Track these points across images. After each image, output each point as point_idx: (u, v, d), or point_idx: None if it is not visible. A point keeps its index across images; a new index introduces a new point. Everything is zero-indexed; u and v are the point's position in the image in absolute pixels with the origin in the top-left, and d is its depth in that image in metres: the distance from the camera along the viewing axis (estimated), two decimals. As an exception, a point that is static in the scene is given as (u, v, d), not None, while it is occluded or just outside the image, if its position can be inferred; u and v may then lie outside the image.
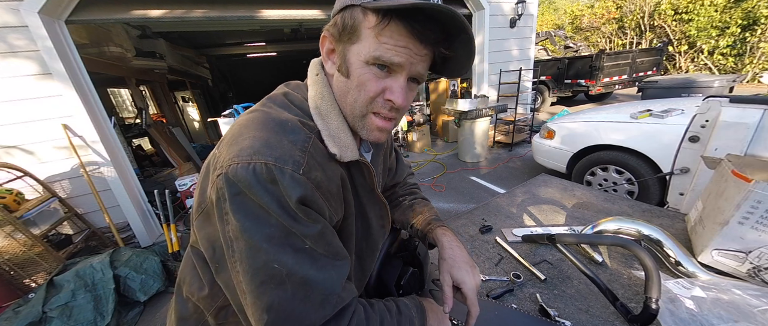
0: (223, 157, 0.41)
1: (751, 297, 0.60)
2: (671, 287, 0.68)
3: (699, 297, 0.64)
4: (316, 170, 0.43)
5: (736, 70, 9.85)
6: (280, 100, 0.50)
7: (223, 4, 3.00)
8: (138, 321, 2.00)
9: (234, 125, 0.47)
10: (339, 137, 0.48)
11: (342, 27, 0.44)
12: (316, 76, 0.51)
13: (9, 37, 2.14)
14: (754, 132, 1.51)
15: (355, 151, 0.49)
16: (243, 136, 0.42)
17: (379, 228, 0.63)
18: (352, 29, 0.44)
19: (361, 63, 0.45)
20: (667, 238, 0.83)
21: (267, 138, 0.41)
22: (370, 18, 0.42)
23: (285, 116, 0.45)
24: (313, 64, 0.54)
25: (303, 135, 0.44)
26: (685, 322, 0.60)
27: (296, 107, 0.49)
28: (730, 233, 0.76)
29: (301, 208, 0.40)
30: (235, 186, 0.39)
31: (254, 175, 0.38)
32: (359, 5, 0.42)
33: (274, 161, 0.39)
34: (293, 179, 0.40)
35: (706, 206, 0.90)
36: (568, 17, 16.86)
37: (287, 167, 0.39)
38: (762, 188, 0.71)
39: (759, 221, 0.72)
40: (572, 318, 0.71)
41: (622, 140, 2.47)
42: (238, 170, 0.38)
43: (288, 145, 0.41)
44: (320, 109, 0.48)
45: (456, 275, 0.60)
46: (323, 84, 0.50)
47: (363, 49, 0.44)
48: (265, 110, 0.46)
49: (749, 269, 0.75)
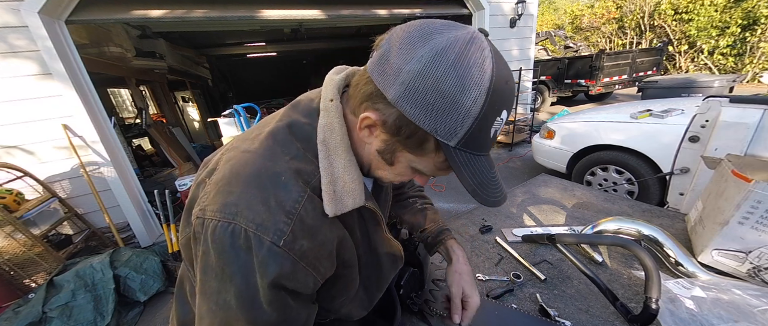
0: (209, 199, 0.39)
1: (751, 297, 0.60)
2: (671, 287, 0.68)
3: (699, 297, 0.64)
4: (303, 238, 0.39)
5: (736, 70, 9.84)
6: (282, 135, 0.44)
7: (223, 4, 3.00)
8: (138, 321, 2.00)
9: (231, 160, 0.43)
10: (343, 179, 0.43)
11: (408, 135, 0.39)
12: (330, 103, 0.45)
13: (9, 37, 2.14)
14: (754, 132, 1.51)
15: (359, 196, 0.44)
16: (231, 186, 0.39)
17: (392, 264, 0.61)
18: (416, 145, 0.40)
19: (408, 166, 0.44)
20: (667, 238, 0.83)
21: (253, 198, 0.38)
22: (439, 155, 0.40)
23: (280, 166, 0.40)
24: (329, 84, 0.47)
25: (295, 193, 0.39)
26: (685, 322, 0.60)
27: (300, 142, 0.44)
28: (730, 233, 0.76)
29: (271, 291, 0.38)
30: (209, 243, 0.38)
31: (232, 238, 0.36)
32: (447, 144, 0.38)
33: (254, 228, 0.36)
34: (271, 252, 0.37)
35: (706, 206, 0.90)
36: (568, 17, 16.86)
37: (267, 238, 0.36)
38: (762, 188, 0.71)
39: (759, 221, 0.72)
40: (572, 318, 0.71)
41: (622, 140, 2.47)
42: (217, 227, 0.37)
43: (275, 207, 0.37)
44: (328, 143, 0.43)
45: (467, 290, 0.66)
46: (336, 114, 0.44)
47: (417, 162, 0.43)
48: (262, 151, 0.42)
49: (749, 269, 0.75)
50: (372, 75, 0.39)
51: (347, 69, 0.51)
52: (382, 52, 0.38)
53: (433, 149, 0.40)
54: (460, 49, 0.34)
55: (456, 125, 0.36)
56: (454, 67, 0.34)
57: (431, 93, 0.35)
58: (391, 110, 0.38)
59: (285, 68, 12.81)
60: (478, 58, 0.34)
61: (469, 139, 0.37)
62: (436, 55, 0.34)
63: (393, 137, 0.40)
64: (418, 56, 0.34)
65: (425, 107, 0.36)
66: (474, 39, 0.35)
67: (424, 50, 0.34)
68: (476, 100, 0.34)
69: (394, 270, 0.62)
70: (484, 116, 0.36)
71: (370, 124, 0.41)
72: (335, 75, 0.49)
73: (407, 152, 0.42)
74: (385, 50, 0.38)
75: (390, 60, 0.37)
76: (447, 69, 0.34)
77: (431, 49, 0.34)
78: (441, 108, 0.35)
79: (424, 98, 0.35)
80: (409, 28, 0.38)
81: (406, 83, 0.35)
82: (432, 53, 0.34)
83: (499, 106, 0.37)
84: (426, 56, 0.34)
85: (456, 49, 0.34)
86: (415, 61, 0.34)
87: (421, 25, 0.37)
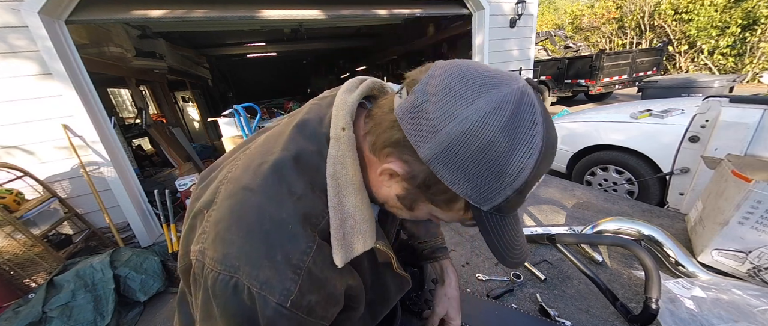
0: (208, 243, 0.36)
1: (751, 297, 0.60)
2: (671, 287, 0.68)
3: (699, 297, 0.64)
4: (311, 293, 0.36)
5: (736, 70, 9.85)
6: (289, 169, 0.39)
7: (223, 4, 3.00)
8: (138, 321, 1.99)
9: (232, 197, 0.38)
10: (353, 219, 0.39)
11: (434, 193, 0.37)
12: (342, 132, 0.40)
13: (9, 37, 2.14)
14: (754, 132, 1.50)
15: (369, 238, 0.41)
16: (232, 233, 0.35)
17: (398, 291, 0.58)
18: (443, 202, 0.38)
19: (427, 213, 0.42)
20: (667, 238, 0.83)
21: (256, 251, 0.34)
22: (467, 214, 0.38)
23: (286, 211, 0.36)
24: (341, 108, 0.42)
25: (303, 244, 0.36)
26: (685, 322, 0.60)
27: (308, 174, 0.39)
28: (730, 233, 0.76)
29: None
30: (210, 294, 0.35)
31: (234, 294, 0.34)
32: (469, 202, 0.35)
33: (259, 286, 0.33)
34: (277, 313, 0.34)
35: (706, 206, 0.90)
36: (568, 17, 16.86)
37: (273, 298, 0.33)
38: (762, 188, 0.71)
39: (759, 221, 0.72)
40: (572, 318, 0.71)
41: (622, 140, 2.47)
42: (218, 280, 0.34)
43: (281, 262, 0.34)
44: (338, 178, 0.39)
45: (451, 313, 0.68)
46: (349, 146, 0.40)
47: (440, 214, 0.40)
48: (267, 191, 0.37)
49: (749, 269, 0.75)
50: (401, 122, 0.35)
51: (361, 85, 0.46)
52: (416, 100, 0.34)
53: (463, 208, 0.37)
54: (510, 113, 0.31)
55: (494, 194, 0.33)
56: (502, 134, 0.31)
57: (473, 160, 0.31)
58: (422, 166, 0.35)
59: (285, 68, 12.81)
60: (528, 123, 0.31)
61: (505, 205, 0.35)
62: (483, 119, 0.30)
63: (418, 191, 0.38)
64: (462, 117, 0.31)
65: (464, 174, 0.33)
66: (524, 97, 0.32)
67: (469, 111, 0.31)
68: (522, 171, 0.32)
69: (400, 294, 0.59)
70: (526, 184, 0.33)
71: (392, 174, 0.38)
72: (348, 95, 0.44)
73: (431, 204, 0.39)
74: (420, 99, 0.34)
75: (426, 113, 0.33)
76: (494, 137, 0.31)
77: (477, 111, 0.31)
78: (482, 176, 0.32)
79: (464, 164, 0.32)
80: (450, 76, 0.34)
81: (444, 144, 0.32)
82: (478, 116, 0.30)
83: (543, 171, 0.34)
84: (471, 119, 0.31)
85: (505, 113, 0.31)
86: (458, 123, 0.31)
87: (463, 74, 0.33)
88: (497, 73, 0.34)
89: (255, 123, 3.57)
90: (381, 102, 0.42)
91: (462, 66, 0.35)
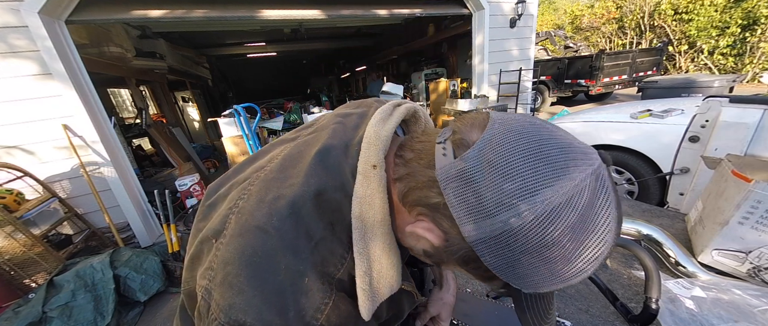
0: (216, 284, 0.32)
1: (751, 297, 0.60)
2: (671, 287, 0.68)
3: (699, 297, 0.64)
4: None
5: (736, 70, 9.85)
6: (308, 212, 0.34)
7: (223, 4, 3.00)
8: (138, 321, 2.00)
9: (244, 234, 0.34)
10: (380, 263, 0.35)
11: (471, 267, 0.33)
12: (373, 169, 0.35)
13: (9, 37, 2.14)
14: (754, 132, 1.50)
15: (396, 281, 0.37)
16: (241, 279, 0.31)
17: (409, 306, 0.54)
18: (480, 277, 0.34)
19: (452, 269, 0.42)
20: (667, 238, 0.83)
21: (267, 305, 0.31)
22: (505, 286, 0.33)
23: (303, 262, 0.32)
24: (374, 142, 0.37)
25: (318, 300, 0.32)
26: (685, 322, 0.60)
27: (329, 213, 0.35)
28: (730, 233, 0.76)
29: None
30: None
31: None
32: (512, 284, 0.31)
33: None
34: None
35: (706, 206, 0.90)
36: (568, 17, 16.86)
37: None
38: (762, 188, 0.71)
39: (759, 221, 0.72)
40: (572, 318, 0.71)
41: (622, 140, 2.47)
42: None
43: (292, 320, 0.31)
44: (365, 220, 0.35)
45: (443, 315, 0.67)
46: (379, 187, 0.35)
47: (470, 277, 0.37)
48: (283, 236, 0.33)
49: (749, 269, 0.75)
50: (444, 188, 0.30)
51: (395, 113, 0.42)
52: (465, 170, 0.28)
53: (501, 284, 0.32)
54: (582, 210, 0.26)
55: (541, 286, 0.29)
56: (570, 235, 0.26)
57: (528, 256, 0.27)
58: (464, 244, 0.30)
59: (285, 68, 12.83)
60: (602, 219, 0.26)
61: (546, 288, 0.30)
62: (550, 215, 0.25)
63: (452, 258, 0.33)
64: (524, 209, 0.25)
65: (513, 266, 0.28)
66: (599, 183, 0.27)
67: (534, 202, 0.25)
68: (582, 271, 0.27)
69: (411, 308, 0.54)
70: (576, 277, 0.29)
71: (423, 236, 0.34)
72: (381, 127, 0.39)
73: (464, 270, 0.34)
74: (472, 170, 0.28)
75: (478, 190, 0.27)
76: (560, 237, 0.26)
77: (545, 204, 0.25)
78: (534, 273, 0.28)
79: (516, 258, 0.27)
80: (512, 149, 0.27)
81: (496, 232, 0.27)
82: (544, 211, 0.25)
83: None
84: (536, 212, 0.25)
85: (578, 210, 0.25)
86: (518, 215, 0.26)
87: (528, 149, 0.27)
88: (570, 149, 0.27)
89: (255, 123, 3.57)
90: (416, 144, 0.37)
91: (527, 135, 0.28)
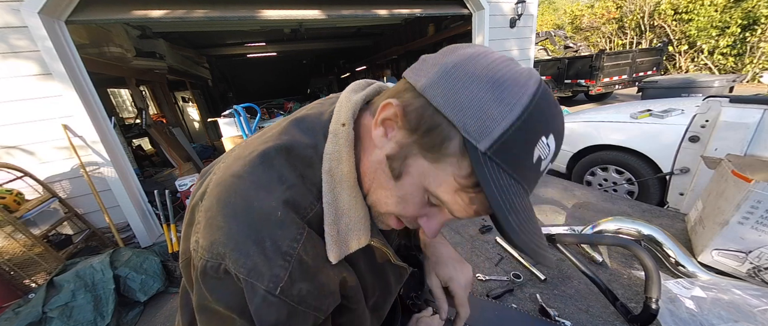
0: (200, 232, 0.36)
1: (751, 297, 0.60)
2: (671, 287, 0.68)
3: (699, 297, 0.64)
4: (301, 281, 0.34)
5: (736, 70, 9.85)
6: (279, 161, 0.37)
7: (223, 4, 3.00)
8: (138, 322, 1.99)
9: (220, 184, 0.37)
10: (349, 215, 0.38)
11: (427, 130, 0.33)
12: (342, 127, 0.39)
13: (9, 37, 2.14)
14: (754, 132, 1.50)
15: (364, 235, 0.40)
16: (218, 219, 0.34)
17: (397, 281, 0.56)
18: (435, 145, 0.33)
19: (419, 185, 0.36)
20: (667, 238, 0.83)
21: (243, 237, 0.33)
22: (464, 165, 0.32)
23: (274, 200, 0.35)
24: (345, 104, 0.41)
25: (292, 231, 0.34)
26: (685, 322, 0.60)
27: (301, 168, 0.38)
28: (730, 233, 0.76)
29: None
30: (200, 282, 0.35)
31: (224, 280, 0.34)
32: (476, 147, 0.30)
33: (246, 274, 0.32)
34: (265, 301, 0.33)
35: (706, 206, 0.89)
36: (568, 17, 16.87)
37: (261, 285, 0.32)
38: (762, 188, 0.70)
39: (759, 221, 0.72)
40: (572, 318, 0.71)
41: (622, 140, 2.47)
42: (207, 267, 0.34)
43: (269, 248, 0.33)
44: (334, 174, 0.38)
45: (441, 272, 0.59)
46: (346, 142, 0.39)
47: (432, 179, 0.35)
48: (254, 180, 0.36)
49: (749, 269, 0.75)
50: (406, 75, 0.37)
51: (368, 88, 0.45)
52: (423, 58, 0.37)
53: (457, 152, 0.32)
54: (508, 60, 0.33)
55: (490, 122, 0.30)
56: (499, 64, 0.32)
57: (468, 81, 0.31)
58: (418, 98, 0.34)
59: (285, 68, 12.81)
60: (525, 71, 0.32)
61: (505, 147, 0.30)
62: (483, 53, 0.33)
63: (410, 135, 0.34)
64: (464, 52, 0.33)
65: (457, 95, 0.31)
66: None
67: (472, 49, 0.33)
68: (520, 98, 0.30)
69: (400, 283, 0.57)
70: (526, 122, 0.30)
71: (389, 116, 0.36)
72: (354, 94, 0.43)
73: (422, 157, 0.35)
74: (428, 56, 0.36)
75: (430, 59, 0.35)
76: (491, 64, 0.32)
77: (479, 50, 0.33)
78: (476, 97, 0.30)
79: (460, 85, 0.31)
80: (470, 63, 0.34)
81: (441, 71, 0.33)
82: (479, 52, 0.33)
83: (546, 125, 0.32)
84: (472, 52, 0.33)
85: (504, 58, 0.33)
86: (458, 56, 0.33)
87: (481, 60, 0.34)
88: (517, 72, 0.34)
89: (255, 123, 3.58)
90: (382, 96, 0.43)
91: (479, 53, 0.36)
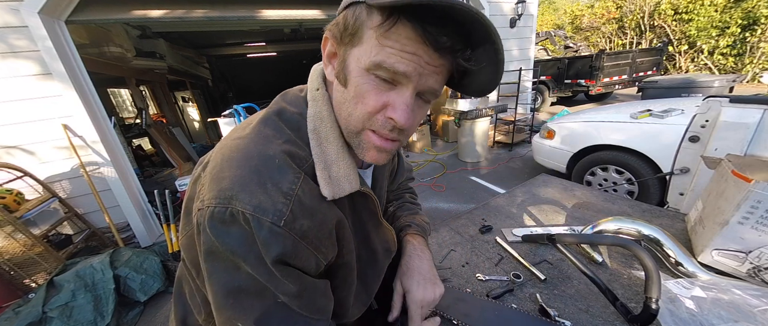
0: (205, 190, 0.39)
1: (751, 297, 0.60)
2: (671, 287, 0.68)
3: (699, 297, 0.64)
4: (302, 217, 0.38)
5: (736, 70, 9.85)
6: (272, 121, 0.43)
7: (223, 4, 3.00)
8: (138, 321, 2.00)
9: (223, 148, 0.42)
10: (338, 165, 0.43)
11: (344, 27, 0.38)
12: (317, 92, 0.45)
13: (9, 37, 2.14)
14: (754, 132, 1.51)
15: (354, 181, 0.44)
16: (224, 172, 0.38)
17: (385, 253, 0.59)
18: (354, 29, 0.37)
19: (360, 70, 0.38)
20: (667, 238, 0.83)
21: (247, 180, 0.37)
22: (374, 17, 0.35)
23: (272, 149, 0.39)
24: (313, 74, 0.48)
25: (290, 175, 0.38)
26: (685, 322, 0.60)
27: (290, 130, 0.43)
28: (730, 233, 0.76)
29: (278, 267, 0.37)
30: (208, 231, 0.37)
31: (231, 222, 0.36)
32: (364, 1, 0.35)
33: (252, 210, 0.35)
34: (272, 233, 0.36)
35: (706, 206, 0.89)
36: (568, 17, 16.87)
37: (266, 219, 0.35)
38: (762, 188, 0.70)
39: (759, 221, 0.72)
40: (572, 318, 0.71)
41: (622, 140, 2.47)
42: (215, 213, 0.36)
43: (271, 189, 0.37)
44: (319, 132, 0.43)
45: (403, 282, 0.61)
46: (324, 102, 0.44)
47: (364, 53, 0.37)
48: (253, 137, 0.41)
49: (749, 269, 0.75)
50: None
51: None
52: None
53: (367, 18, 0.36)
54: None
55: None
56: None
57: None
58: (337, 18, 0.40)
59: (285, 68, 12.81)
60: None
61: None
62: None
63: (341, 45, 0.40)
64: None
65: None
66: None
67: None
68: None
69: (388, 259, 0.61)
70: None
71: (328, 45, 0.42)
72: (319, 65, 0.48)
73: (353, 48, 0.38)
74: None
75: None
76: None
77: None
78: None
79: None
80: None
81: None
82: None
83: None
84: None
85: None
86: None
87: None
88: None
89: (255, 123, 3.57)
90: None
91: None
